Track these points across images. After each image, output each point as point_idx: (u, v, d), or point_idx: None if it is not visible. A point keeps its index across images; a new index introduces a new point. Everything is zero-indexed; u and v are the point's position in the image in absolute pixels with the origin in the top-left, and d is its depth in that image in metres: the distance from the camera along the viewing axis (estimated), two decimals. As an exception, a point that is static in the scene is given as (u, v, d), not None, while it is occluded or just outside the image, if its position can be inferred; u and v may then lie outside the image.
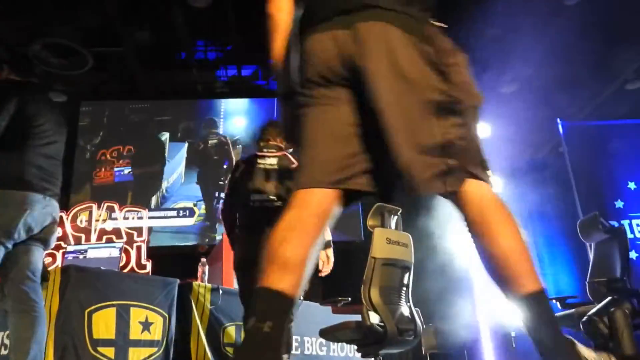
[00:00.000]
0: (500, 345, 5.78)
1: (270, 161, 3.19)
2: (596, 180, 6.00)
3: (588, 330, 2.95)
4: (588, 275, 3.96)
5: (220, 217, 3.37)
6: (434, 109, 1.34)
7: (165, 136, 7.85)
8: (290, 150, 3.29)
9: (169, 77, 8.02)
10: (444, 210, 6.14)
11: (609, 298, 3.08)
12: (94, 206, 4.83)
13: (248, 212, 3.09)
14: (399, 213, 3.66)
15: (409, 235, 3.64)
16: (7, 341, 2.95)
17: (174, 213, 7.36)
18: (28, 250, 2.61)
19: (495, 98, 6.93)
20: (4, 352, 2.93)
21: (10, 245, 2.51)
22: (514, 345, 5.51)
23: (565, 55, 6.07)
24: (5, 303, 2.54)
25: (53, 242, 2.77)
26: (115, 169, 7.64)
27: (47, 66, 6.89)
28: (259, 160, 3.20)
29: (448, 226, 6.07)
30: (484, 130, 6.52)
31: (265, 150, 3.26)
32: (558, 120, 6.43)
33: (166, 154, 7.76)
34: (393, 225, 3.63)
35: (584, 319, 2.89)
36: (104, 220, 4.77)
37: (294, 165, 3.13)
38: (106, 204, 4.90)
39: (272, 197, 3.08)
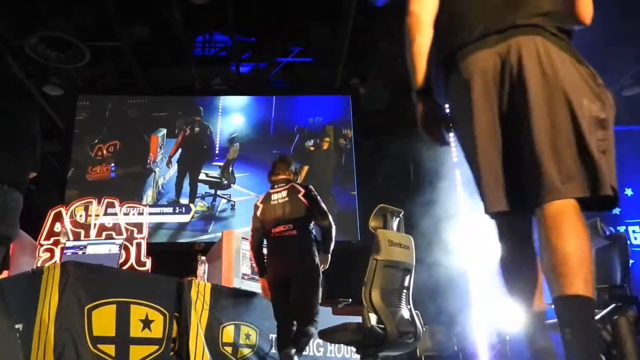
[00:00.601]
0: (495, 350, 5.80)
1: (282, 195, 3.76)
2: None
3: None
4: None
5: (250, 252, 3.90)
6: (586, 123, 1.47)
7: (162, 132, 7.81)
8: (297, 180, 3.94)
9: (167, 72, 7.97)
10: (443, 219, 6.16)
11: (612, 305, 3.08)
12: (94, 201, 4.78)
13: (272, 242, 3.70)
14: (401, 215, 3.66)
15: (411, 238, 3.64)
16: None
17: (170, 210, 7.33)
18: None
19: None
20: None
21: None
22: (508, 349, 5.53)
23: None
24: None
25: (14, 238, 2.48)
26: (112, 165, 7.59)
27: (44, 59, 6.84)
28: (273, 197, 3.78)
29: (445, 232, 6.09)
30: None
31: (276, 186, 3.81)
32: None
33: (159, 152, 7.72)
34: (395, 227, 3.62)
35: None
36: (97, 216, 4.71)
37: (300, 194, 3.70)
38: (106, 200, 4.85)
39: (288, 226, 3.66)
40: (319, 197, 3.73)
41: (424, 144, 7.12)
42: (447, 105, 1.80)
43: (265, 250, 3.79)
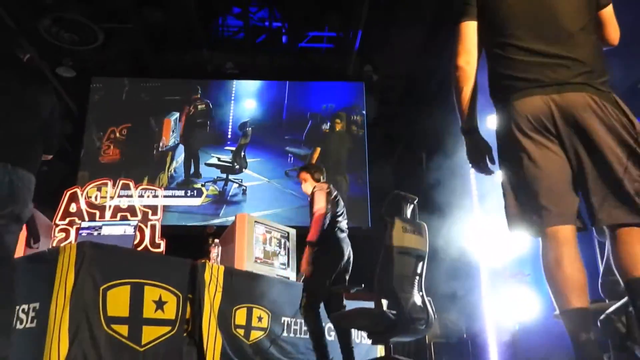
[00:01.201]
0: (504, 338, 5.79)
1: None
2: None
3: (605, 329, 2.92)
4: (602, 272, 3.93)
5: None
6: (632, 159, 1.84)
7: (175, 116, 7.81)
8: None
9: (179, 56, 7.96)
10: (456, 208, 6.13)
11: (627, 297, 3.05)
12: (109, 183, 4.80)
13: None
14: (415, 202, 3.65)
15: (425, 225, 3.62)
16: (22, 315, 2.95)
17: (182, 193, 7.36)
18: None
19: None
20: (19, 326, 2.92)
21: None
22: (517, 338, 5.52)
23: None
24: None
25: (25, 217, 2.58)
26: (124, 148, 7.61)
27: (57, 41, 6.84)
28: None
29: (458, 219, 6.06)
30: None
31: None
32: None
33: (171, 135, 7.73)
34: (409, 214, 3.61)
35: (602, 317, 2.85)
36: (112, 197, 4.73)
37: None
38: (121, 181, 4.87)
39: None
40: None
41: (437, 133, 7.10)
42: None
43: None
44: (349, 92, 8.23)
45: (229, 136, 7.83)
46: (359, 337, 4.61)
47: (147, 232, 4.50)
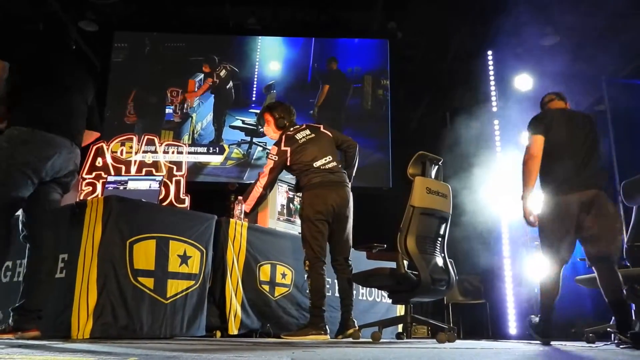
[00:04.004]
0: (523, 300, 5.81)
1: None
2: (637, 141, 5.83)
3: (630, 294, 2.91)
4: (628, 237, 3.89)
5: None
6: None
7: (199, 77, 7.75)
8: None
9: (201, 11, 7.85)
10: (478, 170, 6.06)
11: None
12: (134, 138, 4.83)
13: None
14: (440, 163, 3.61)
15: (449, 186, 3.59)
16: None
17: (204, 149, 7.39)
18: (48, 192, 2.81)
19: (537, 51, 6.70)
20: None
21: (36, 182, 2.68)
22: (536, 302, 5.53)
23: (611, 6, 5.78)
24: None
25: (71, 188, 2.96)
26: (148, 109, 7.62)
27: (79, -7, 6.79)
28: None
29: (481, 182, 6.00)
30: (525, 83, 6.33)
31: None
32: (602, 77, 6.20)
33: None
34: (433, 175, 3.58)
35: (632, 283, 2.85)
36: (136, 153, 4.77)
37: None
38: (146, 137, 4.89)
39: None
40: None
41: (462, 92, 6.96)
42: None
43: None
44: (374, 52, 8.06)
45: (254, 98, 7.77)
46: (379, 296, 4.66)
47: (172, 187, 4.54)
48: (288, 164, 3.70)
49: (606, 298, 3.16)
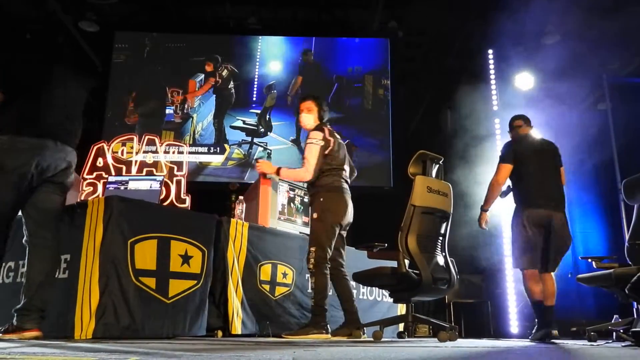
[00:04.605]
0: (524, 300, 5.81)
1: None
2: (638, 140, 5.83)
3: (634, 292, 2.92)
4: (629, 236, 3.89)
5: None
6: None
7: (200, 77, 7.76)
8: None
9: (201, 10, 7.86)
10: (479, 168, 6.05)
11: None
12: (135, 138, 4.83)
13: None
14: (440, 162, 3.61)
15: (450, 185, 3.60)
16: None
17: (205, 149, 7.39)
18: (45, 193, 2.83)
19: (538, 49, 6.69)
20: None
21: (25, 185, 2.71)
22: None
23: (612, 3, 5.78)
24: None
25: (70, 185, 2.97)
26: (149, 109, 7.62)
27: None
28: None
29: (482, 181, 5.99)
30: (526, 81, 6.32)
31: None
32: (604, 76, 6.20)
33: (196, 97, 7.71)
34: (434, 174, 3.58)
35: (633, 280, 2.84)
36: (137, 153, 4.77)
37: None
38: (147, 137, 4.89)
39: None
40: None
41: (463, 91, 6.96)
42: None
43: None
44: (374, 51, 8.06)
45: (254, 99, 7.77)
46: (380, 296, 4.66)
47: (173, 187, 4.54)
48: (327, 152, 3.61)
49: None
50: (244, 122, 7.61)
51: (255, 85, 7.82)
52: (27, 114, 2.79)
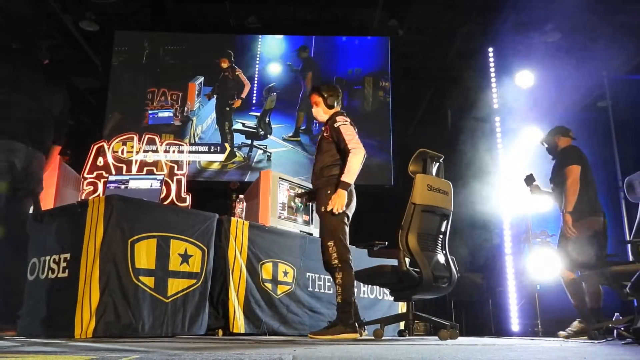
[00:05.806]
0: (525, 298, 5.81)
1: None
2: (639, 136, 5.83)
3: (635, 291, 2.91)
4: (632, 234, 3.89)
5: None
6: None
7: (199, 80, 7.74)
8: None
9: (200, 9, 7.85)
10: (479, 167, 6.05)
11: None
12: (135, 137, 4.83)
13: None
14: (441, 160, 3.60)
15: (450, 183, 3.59)
16: (53, 265, 3.04)
17: (205, 148, 7.38)
18: (15, 198, 2.86)
19: (538, 47, 6.68)
20: (51, 275, 3.01)
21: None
22: (537, 299, 5.53)
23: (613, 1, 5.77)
24: None
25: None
26: (150, 112, 7.60)
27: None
28: None
29: (482, 180, 6.00)
30: (527, 79, 6.31)
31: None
32: (604, 74, 6.19)
33: (196, 100, 7.70)
34: (434, 172, 3.58)
35: (634, 279, 2.84)
36: (137, 152, 4.77)
37: None
38: (147, 136, 4.89)
39: None
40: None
41: (463, 89, 6.94)
42: None
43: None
44: (374, 52, 8.03)
45: (254, 101, 7.75)
46: (381, 294, 4.66)
47: (173, 186, 4.53)
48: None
49: None
50: (243, 124, 7.60)
51: (255, 87, 7.80)
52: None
